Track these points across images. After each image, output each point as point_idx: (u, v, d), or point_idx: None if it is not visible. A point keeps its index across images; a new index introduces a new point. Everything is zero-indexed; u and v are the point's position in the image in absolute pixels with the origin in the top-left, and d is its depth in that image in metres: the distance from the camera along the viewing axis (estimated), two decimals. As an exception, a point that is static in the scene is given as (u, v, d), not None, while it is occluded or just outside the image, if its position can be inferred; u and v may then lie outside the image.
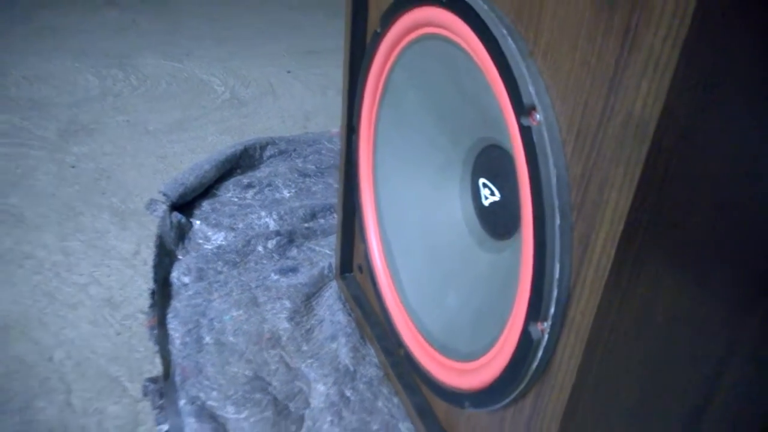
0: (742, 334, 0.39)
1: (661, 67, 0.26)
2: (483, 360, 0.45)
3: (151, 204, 0.89)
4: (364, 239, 0.64)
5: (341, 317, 0.70)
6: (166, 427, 0.55)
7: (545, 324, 0.36)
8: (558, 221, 0.34)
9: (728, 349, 0.39)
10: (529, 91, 0.35)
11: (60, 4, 2.09)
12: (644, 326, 0.35)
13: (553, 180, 0.34)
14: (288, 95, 1.44)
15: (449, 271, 0.54)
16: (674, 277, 0.33)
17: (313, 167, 1.06)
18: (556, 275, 0.35)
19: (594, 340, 0.34)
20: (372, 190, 0.62)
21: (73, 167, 1.02)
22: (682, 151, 0.28)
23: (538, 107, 0.35)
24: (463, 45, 0.42)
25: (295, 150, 1.11)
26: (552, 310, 0.35)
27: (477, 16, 0.39)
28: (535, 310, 0.37)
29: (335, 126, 1.27)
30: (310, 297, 0.74)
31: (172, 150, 1.11)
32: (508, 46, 0.36)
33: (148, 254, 0.80)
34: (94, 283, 0.74)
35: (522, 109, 0.35)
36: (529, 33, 0.35)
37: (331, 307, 0.72)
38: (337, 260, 0.75)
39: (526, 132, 0.36)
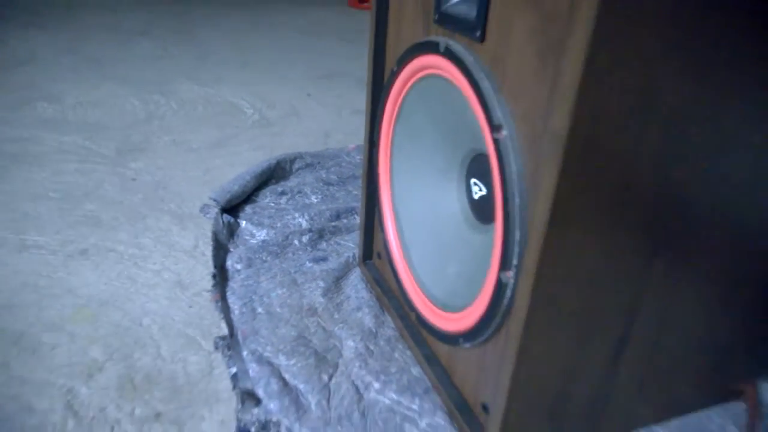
0: (648, 281, 0.56)
1: (567, 101, 0.43)
2: (472, 308, 0.62)
3: (204, 208, 1.07)
4: (382, 230, 0.82)
5: (364, 294, 0.87)
6: (234, 369, 0.72)
7: (510, 272, 0.53)
8: (517, 200, 0.51)
9: (638, 293, 0.56)
10: (498, 115, 0.53)
11: (98, 37, 2.31)
12: (574, 271, 0.52)
13: (514, 174, 0.52)
14: (309, 115, 1.63)
15: (449, 250, 0.71)
16: (591, 235, 0.50)
17: (335, 177, 1.24)
18: (517, 237, 0.52)
19: (538, 283, 0.51)
20: (389, 190, 0.80)
21: (133, 180, 1.20)
22: (587, 151, 0.46)
23: (504, 126, 0.52)
24: (456, 82, 0.60)
25: (319, 163, 1.29)
26: (515, 261, 0.53)
27: (464, 63, 0.57)
28: (504, 263, 0.54)
29: (352, 142, 1.45)
30: (339, 279, 0.91)
31: (214, 164, 1.29)
32: (485, 84, 0.54)
33: (206, 248, 0.97)
34: (166, 270, 0.92)
35: (494, 127, 0.53)
36: (498, 75, 0.53)
37: (356, 286, 0.89)
38: (360, 250, 0.92)
39: (496, 143, 0.53)
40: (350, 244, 1.00)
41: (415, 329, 0.79)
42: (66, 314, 0.81)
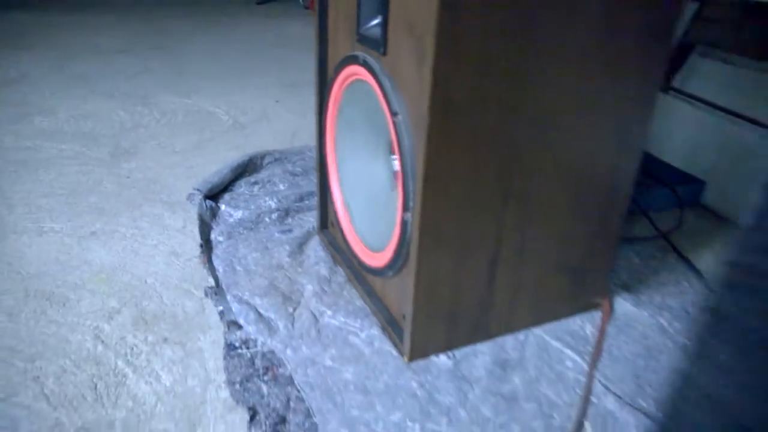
0: (505, 216, 0.80)
1: (427, 94, 0.67)
2: (390, 244, 0.86)
3: (190, 196, 1.30)
4: (332, 202, 1.05)
5: (322, 253, 1.11)
6: (221, 308, 0.95)
7: (409, 213, 0.78)
8: (409, 163, 0.76)
9: (499, 225, 0.81)
10: (395, 105, 0.77)
11: (83, 56, 2.51)
12: (447, 208, 0.76)
13: (406, 146, 0.76)
14: (278, 119, 1.86)
15: (378, 209, 0.95)
16: (457, 183, 0.75)
17: (300, 169, 1.47)
18: (411, 188, 0.76)
19: (423, 218, 0.75)
20: (336, 172, 1.04)
21: (128, 177, 1.42)
22: (444, 128, 0.70)
23: (399, 112, 0.77)
24: (371, 84, 0.84)
25: (286, 158, 1.52)
26: (411, 204, 0.77)
27: (374, 70, 0.81)
28: (405, 207, 0.78)
29: (315, 141, 1.69)
30: (301, 244, 1.15)
31: (196, 162, 1.52)
32: (386, 84, 0.78)
33: (193, 227, 1.20)
34: (161, 244, 1.15)
35: (393, 113, 0.77)
36: (394, 78, 0.77)
37: (315, 248, 1.13)
38: (318, 221, 1.16)
39: (395, 125, 0.77)
40: (311, 219, 1.24)
41: (358, 272, 1.03)
42: (85, 278, 1.04)
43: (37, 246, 1.13)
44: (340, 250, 1.09)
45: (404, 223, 0.80)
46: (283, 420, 0.76)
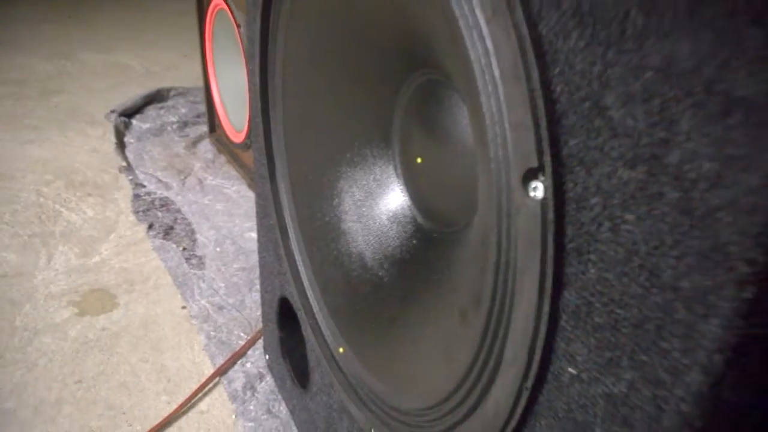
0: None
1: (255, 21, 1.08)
2: (246, 123, 1.26)
3: (107, 115, 1.65)
4: (214, 105, 1.44)
5: (210, 147, 1.50)
6: (131, 177, 1.33)
7: (252, 90, 1.18)
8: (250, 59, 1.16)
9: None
10: (239, 20, 1.16)
11: (6, 24, 2.76)
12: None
13: (248, 46, 1.16)
14: (185, 68, 2.21)
15: (239, 99, 1.35)
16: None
17: (199, 99, 1.84)
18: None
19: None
20: (215, 79, 1.42)
21: (55, 107, 1.75)
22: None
23: (241, 25, 1.16)
24: (226, 9, 1.23)
25: (189, 92, 1.89)
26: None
27: (229, 3, 1.20)
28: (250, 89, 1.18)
29: (215, 82, 2.05)
30: (195, 142, 1.53)
31: (112, 97, 1.86)
32: (233, 7, 1.18)
33: (110, 135, 1.56)
34: (85, 145, 1.50)
35: (238, 26, 1.17)
36: (237, 2, 1.17)
37: (205, 144, 1.51)
38: (208, 126, 1.54)
39: (240, 34, 1.17)
40: (204, 128, 1.62)
41: (232, 152, 1.42)
42: (27, 165, 1.38)
43: (-16, 149, 1.46)
44: (223, 143, 1.48)
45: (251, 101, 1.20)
46: (171, 228, 1.16)
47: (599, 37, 0.22)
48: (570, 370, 0.27)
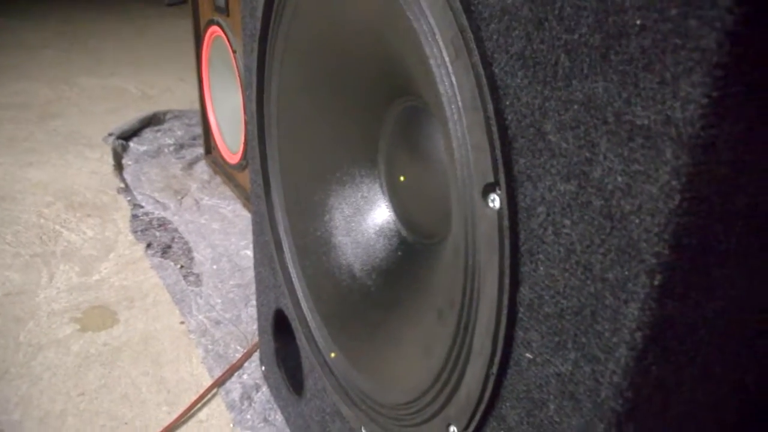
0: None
1: (254, 37, 1.13)
2: (241, 145, 1.31)
3: (105, 138, 1.70)
4: (209, 127, 1.49)
5: (206, 168, 1.54)
6: (129, 198, 1.37)
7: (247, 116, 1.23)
8: (245, 81, 1.21)
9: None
10: (234, 45, 1.22)
11: (9, 51, 2.82)
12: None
13: (243, 70, 1.21)
14: (180, 92, 2.27)
15: (234, 122, 1.40)
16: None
17: (195, 122, 1.90)
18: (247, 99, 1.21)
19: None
20: (211, 102, 1.48)
21: (54, 130, 1.80)
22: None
23: (236, 50, 1.22)
24: (222, 35, 1.29)
25: (184, 115, 1.94)
26: (248, 109, 1.22)
27: (222, 26, 1.26)
28: (246, 111, 1.23)
29: (210, 105, 2.11)
30: (191, 164, 1.57)
31: (111, 120, 1.91)
32: (229, 33, 1.24)
33: (109, 157, 1.60)
34: (84, 167, 1.54)
35: (234, 51, 1.23)
36: (233, 28, 1.22)
37: (201, 166, 1.56)
38: (204, 148, 1.59)
39: (235, 59, 1.23)
40: (200, 150, 1.67)
41: (227, 172, 1.47)
42: (27, 187, 1.42)
43: (-14, 172, 1.50)
44: (218, 164, 1.53)
45: (246, 124, 1.25)
46: (169, 247, 1.20)
47: (538, 76, 0.27)
48: (527, 355, 0.32)
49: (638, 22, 0.22)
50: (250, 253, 1.19)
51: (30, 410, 0.81)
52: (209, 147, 1.58)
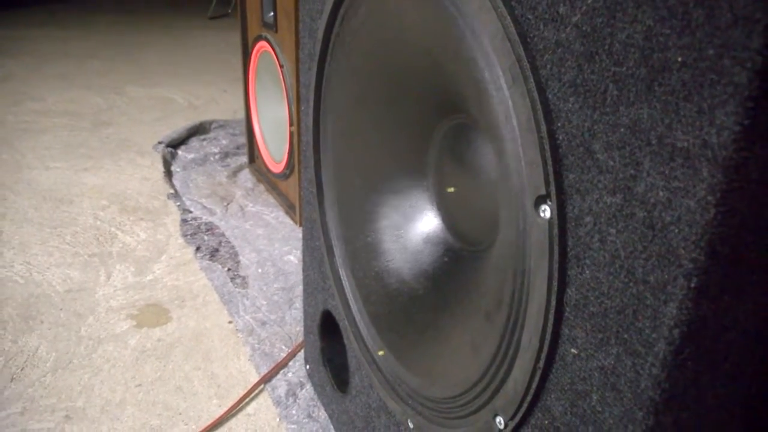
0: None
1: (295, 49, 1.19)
2: (286, 154, 1.36)
3: (155, 146, 1.78)
4: (254, 138, 1.56)
5: (249, 176, 1.61)
6: (179, 203, 1.44)
7: (293, 126, 1.28)
8: (291, 94, 1.27)
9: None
10: (282, 60, 1.28)
11: (58, 61, 2.96)
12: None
13: (289, 85, 1.27)
14: (224, 102, 2.36)
15: (279, 133, 1.46)
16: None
17: (239, 132, 1.97)
18: (293, 110, 1.27)
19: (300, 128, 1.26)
20: (256, 113, 1.54)
21: (107, 138, 1.89)
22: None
23: (284, 65, 1.28)
24: (270, 51, 1.35)
25: (228, 125, 2.02)
26: (293, 120, 1.27)
27: (271, 42, 1.32)
28: (291, 122, 1.29)
29: (252, 115, 2.18)
30: (236, 172, 1.64)
31: (159, 129, 2.00)
32: (278, 49, 1.30)
33: (159, 164, 1.68)
34: (136, 173, 1.62)
35: (281, 66, 1.29)
36: (282, 44, 1.29)
37: (245, 174, 1.63)
38: (247, 157, 1.65)
39: (282, 73, 1.29)
40: (244, 159, 1.74)
41: (270, 181, 1.53)
42: (83, 191, 1.51)
43: (45, 175, 1.59)
44: (261, 173, 1.60)
45: (291, 134, 1.30)
46: (216, 250, 1.26)
47: (588, 102, 0.31)
48: (572, 350, 0.35)
49: (680, 59, 0.26)
50: (293, 258, 1.24)
51: (92, 398, 0.87)
52: (253, 156, 1.65)
